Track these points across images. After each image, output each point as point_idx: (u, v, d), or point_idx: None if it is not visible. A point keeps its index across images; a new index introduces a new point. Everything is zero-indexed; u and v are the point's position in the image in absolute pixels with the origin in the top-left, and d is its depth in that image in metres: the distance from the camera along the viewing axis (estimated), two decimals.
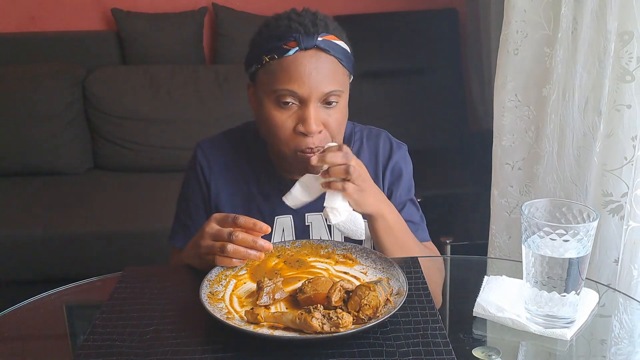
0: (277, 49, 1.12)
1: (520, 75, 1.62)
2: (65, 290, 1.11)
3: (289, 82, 1.11)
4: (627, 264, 1.32)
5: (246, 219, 1.03)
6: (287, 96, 1.12)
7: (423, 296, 0.98)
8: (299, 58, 1.11)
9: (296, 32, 1.11)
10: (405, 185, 1.30)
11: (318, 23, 1.13)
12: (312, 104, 1.12)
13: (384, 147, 1.29)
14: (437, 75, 3.03)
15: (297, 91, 1.11)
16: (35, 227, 2.41)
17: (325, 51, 1.12)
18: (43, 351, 1.01)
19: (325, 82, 1.11)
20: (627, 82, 1.27)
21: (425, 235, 1.31)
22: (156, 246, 1.85)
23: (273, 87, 1.12)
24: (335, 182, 1.09)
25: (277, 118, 1.14)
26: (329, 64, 1.13)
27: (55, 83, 2.78)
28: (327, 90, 1.12)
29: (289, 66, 1.11)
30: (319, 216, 1.25)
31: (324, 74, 1.12)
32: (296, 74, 1.10)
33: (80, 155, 2.86)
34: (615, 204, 1.32)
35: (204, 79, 2.84)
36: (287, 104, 1.12)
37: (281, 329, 0.88)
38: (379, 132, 1.32)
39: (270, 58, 1.12)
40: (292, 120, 1.13)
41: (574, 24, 1.43)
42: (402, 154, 1.31)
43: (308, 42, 1.11)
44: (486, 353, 0.89)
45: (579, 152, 1.45)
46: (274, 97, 1.13)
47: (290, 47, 1.11)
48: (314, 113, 1.12)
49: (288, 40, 1.11)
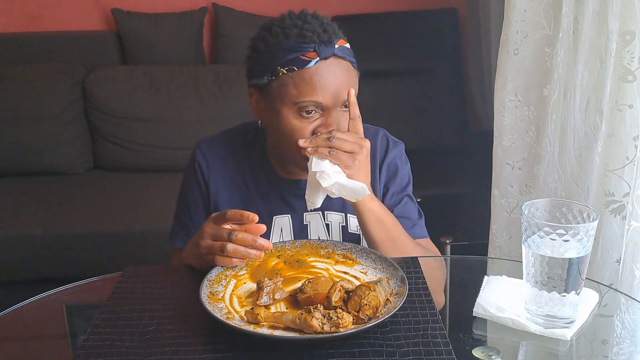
0: (295, 61, 1.10)
1: (520, 75, 1.62)
2: (65, 290, 1.11)
3: (313, 93, 1.10)
4: (629, 264, 1.32)
5: (234, 212, 1.03)
6: (311, 107, 1.12)
7: (423, 296, 0.98)
8: (320, 69, 1.11)
9: (313, 42, 1.10)
10: (401, 182, 1.30)
11: (328, 29, 1.13)
12: (334, 111, 1.13)
13: (380, 144, 1.30)
14: (437, 75, 3.03)
15: (321, 102, 1.11)
16: (35, 227, 2.41)
17: (342, 58, 1.13)
18: (43, 351, 1.01)
19: (345, 88, 1.12)
20: (629, 81, 1.27)
21: (423, 232, 1.30)
22: (156, 246, 1.85)
23: (295, 99, 1.12)
24: (321, 148, 1.09)
25: (297, 126, 1.13)
26: (347, 70, 1.14)
27: (55, 83, 2.78)
28: (347, 96, 1.13)
29: (311, 78, 1.10)
30: (317, 216, 1.25)
31: (344, 81, 1.13)
32: (320, 85, 1.10)
33: (80, 155, 2.86)
34: (617, 204, 1.32)
35: (204, 79, 2.84)
36: (310, 112, 1.12)
37: (281, 329, 0.88)
38: (377, 130, 1.32)
39: (288, 70, 1.11)
40: (312, 125, 1.14)
41: (575, 23, 1.43)
42: (399, 152, 1.31)
43: (327, 52, 1.11)
44: (486, 353, 0.89)
45: (581, 152, 1.45)
46: (295, 109, 1.13)
47: (310, 57, 1.10)
48: (337, 118, 1.13)
49: (306, 50, 1.10)
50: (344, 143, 1.09)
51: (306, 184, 1.22)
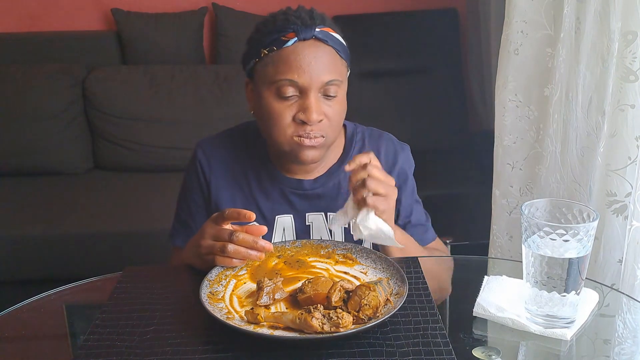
0: (275, 41, 1.12)
1: (521, 75, 1.62)
2: (65, 290, 1.11)
3: (289, 71, 1.11)
4: (631, 264, 1.32)
5: (231, 210, 1.03)
6: (288, 86, 1.12)
7: (423, 296, 0.98)
8: (298, 48, 1.12)
9: (294, 24, 1.12)
10: (412, 190, 1.31)
11: (315, 16, 1.14)
12: (312, 93, 1.12)
13: (387, 149, 1.29)
14: (437, 75, 3.03)
15: (297, 80, 1.11)
16: (35, 227, 2.41)
17: (324, 42, 1.13)
18: (43, 351, 1.01)
19: (324, 71, 1.12)
20: (631, 81, 1.26)
21: (433, 234, 1.32)
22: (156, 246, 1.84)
23: (273, 78, 1.13)
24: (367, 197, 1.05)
25: (277, 108, 1.14)
26: (328, 54, 1.14)
27: (55, 83, 2.78)
28: (326, 79, 1.12)
29: (288, 56, 1.12)
30: (320, 216, 1.25)
31: (323, 64, 1.12)
32: (296, 63, 1.11)
33: (80, 155, 2.86)
34: (619, 203, 1.32)
35: (204, 79, 2.84)
36: (289, 96, 1.13)
37: (281, 329, 0.88)
38: (382, 133, 1.32)
39: (269, 50, 1.13)
40: (292, 110, 1.13)
41: (577, 23, 1.43)
42: (406, 156, 1.31)
43: (307, 33, 1.12)
44: (486, 353, 0.89)
45: (583, 152, 1.45)
46: (274, 89, 1.13)
47: (289, 38, 1.12)
48: (315, 102, 1.12)
49: (287, 32, 1.12)
50: (379, 186, 1.06)
51: (308, 183, 1.22)
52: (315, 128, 1.13)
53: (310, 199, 1.25)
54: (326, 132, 1.15)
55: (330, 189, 1.25)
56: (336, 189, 1.25)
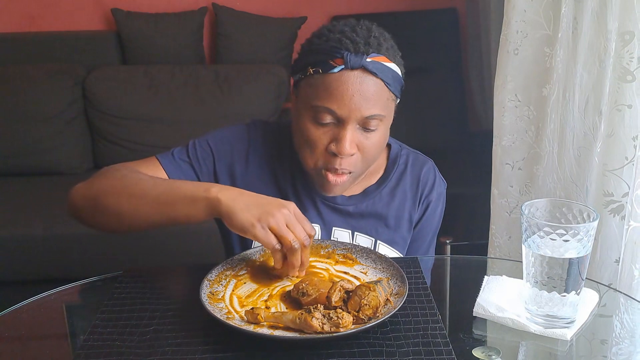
0: (322, 63, 1.07)
1: (520, 75, 1.62)
2: (65, 290, 1.11)
3: (329, 100, 1.06)
4: (628, 264, 1.32)
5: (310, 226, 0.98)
6: (325, 114, 1.07)
7: (423, 296, 0.98)
8: (343, 77, 1.06)
9: (345, 50, 1.06)
10: (435, 227, 1.29)
11: (370, 42, 1.07)
12: (349, 125, 1.07)
13: (426, 176, 1.26)
14: (437, 75, 3.03)
15: (336, 111, 1.06)
16: (35, 227, 2.41)
17: (373, 73, 1.06)
18: (43, 351, 1.00)
19: (367, 105, 1.06)
20: (628, 82, 1.27)
21: None
22: (156, 246, 1.85)
23: (312, 102, 1.08)
24: None
25: (312, 133, 1.09)
26: (374, 87, 1.07)
27: (55, 83, 2.78)
28: (367, 114, 1.07)
29: (331, 83, 1.06)
30: (346, 233, 1.22)
31: (367, 97, 1.06)
32: (337, 93, 1.05)
33: (80, 155, 2.86)
34: (616, 203, 1.32)
35: (204, 79, 2.84)
36: (325, 123, 1.08)
37: (281, 329, 0.88)
38: (425, 160, 1.29)
39: (314, 71, 1.08)
40: (326, 138, 1.09)
41: (574, 23, 1.43)
42: (441, 192, 1.29)
43: (355, 62, 1.05)
44: (486, 353, 0.89)
45: (580, 152, 1.45)
46: (312, 113, 1.09)
47: (336, 64, 1.06)
48: (349, 135, 1.07)
49: (335, 56, 1.06)
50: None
51: (341, 199, 1.20)
52: (344, 162, 1.10)
53: (340, 213, 1.22)
54: (356, 167, 1.12)
55: (362, 209, 1.22)
56: (368, 210, 1.22)
